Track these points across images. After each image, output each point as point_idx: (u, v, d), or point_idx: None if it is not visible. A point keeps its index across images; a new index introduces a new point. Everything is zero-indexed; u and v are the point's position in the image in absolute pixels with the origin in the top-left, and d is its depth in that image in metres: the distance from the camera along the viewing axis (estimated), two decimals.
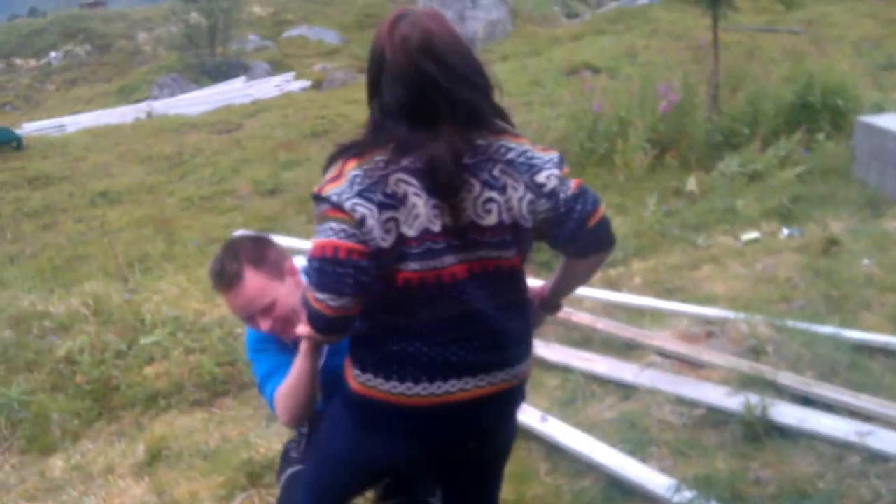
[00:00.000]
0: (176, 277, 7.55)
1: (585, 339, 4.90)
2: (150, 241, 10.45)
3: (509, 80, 17.16)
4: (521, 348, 2.16)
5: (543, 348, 4.65)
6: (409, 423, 2.06)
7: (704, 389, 4.20)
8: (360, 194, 1.85)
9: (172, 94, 28.19)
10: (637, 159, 8.57)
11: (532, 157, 2.00)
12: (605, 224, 2.05)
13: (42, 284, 8.61)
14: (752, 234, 6.76)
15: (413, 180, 1.87)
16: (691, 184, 8.09)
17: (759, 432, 3.72)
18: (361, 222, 1.84)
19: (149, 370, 5.33)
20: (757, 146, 8.67)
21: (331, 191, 1.88)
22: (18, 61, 39.00)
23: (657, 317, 5.16)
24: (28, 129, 24.19)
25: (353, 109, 17.68)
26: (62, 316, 6.19)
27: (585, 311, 5.16)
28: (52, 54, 39.19)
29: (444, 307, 1.96)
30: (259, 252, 2.47)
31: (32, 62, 38.95)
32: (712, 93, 9.86)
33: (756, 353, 4.54)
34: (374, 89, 1.98)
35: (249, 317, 2.46)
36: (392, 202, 1.86)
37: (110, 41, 39.76)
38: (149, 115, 23.68)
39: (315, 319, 1.97)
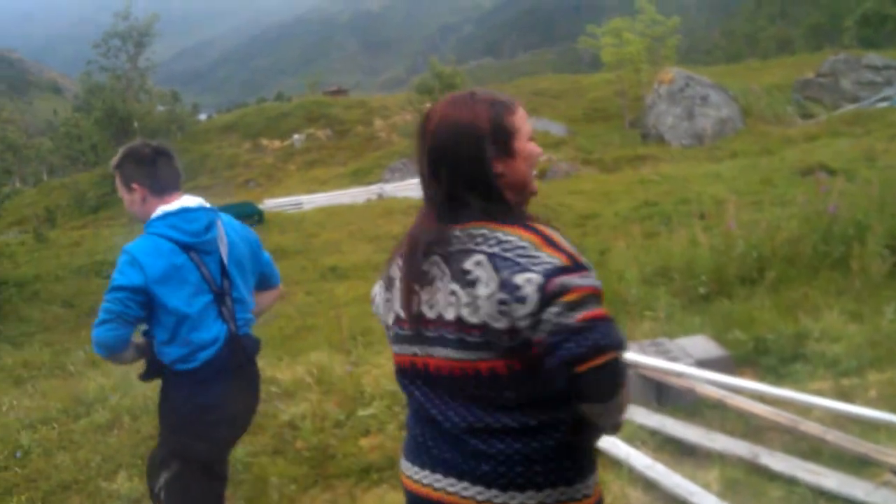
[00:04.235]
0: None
1: (814, 451, 4.58)
2: (373, 317, 10.85)
3: (739, 178, 16.75)
4: (504, 471, 1.80)
5: (767, 456, 4.40)
6: None
7: None
8: (383, 275, 1.94)
9: (402, 178, 29.61)
10: (875, 265, 8.04)
11: (525, 256, 1.68)
12: (603, 374, 1.67)
13: (272, 352, 9.10)
14: None
15: (401, 264, 1.84)
16: None
17: None
18: (372, 300, 1.98)
19: (364, 442, 5.46)
20: None
21: None
22: (264, 141, 42.54)
23: (893, 432, 4.76)
24: (269, 204, 26.17)
25: (575, 199, 17.82)
26: (288, 383, 6.50)
27: (814, 421, 4.84)
28: (296, 137, 42.43)
29: (412, 393, 1.89)
30: (123, 160, 3.13)
31: (277, 143, 42.34)
32: None
33: None
34: None
35: None
36: (388, 284, 1.90)
37: (349, 126, 42.60)
38: (380, 196, 24.99)
39: None
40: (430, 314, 1.75)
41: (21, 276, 17.85)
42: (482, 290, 1.68)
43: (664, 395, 5.20)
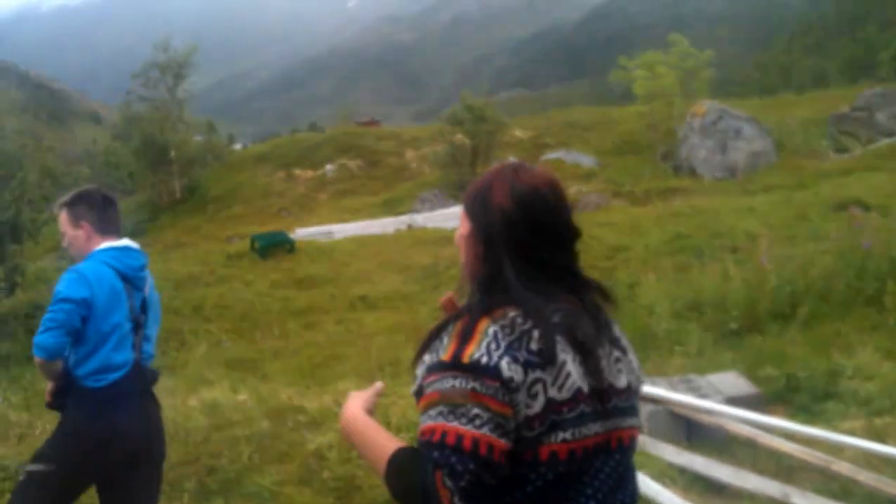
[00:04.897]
0: None
1: (845, 492, 4.50)
2: (402, 347, 10.86)
3: (772, 212, 16.62)
4: None
5: (799, 497, 4.33)
6: None
7: None
8: (507, 351, 1.56)
9: (433, 209, 29.74)
10: None
11: None
12: None
13: (300, 380, 9.13)
14: None
15: (558, 336, 1.59)
16: None
17: None
18: (512, 386, 1.54)
19: None
20: None
21: (474, 353, 1.56)
22: (297, 171, 42.93)
23: None
24: (300, 233, 26.34)
25: (605, 232, 17.75)
26: (315, 412, 6.50)
27: (847, 461, 4.76)
28: (328, 167, 42.78)
29: (585, 483, 1.62)
30: (75, 200, 3.56)
31: (309, 173, 42.70)
32: None
33: None
34: (495, 245, 1.70)
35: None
36: (539, 360, 1.56)
37: (380, 157, 42.89)
38: (409, 227, 25.08)
39: None
40: (612, 382, 1.67)
41: None
42: (632, 355, 1.77)
43: (694, 432, 5.15)
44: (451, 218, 26.29)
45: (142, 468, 3.63)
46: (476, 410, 1.52)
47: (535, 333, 1.58)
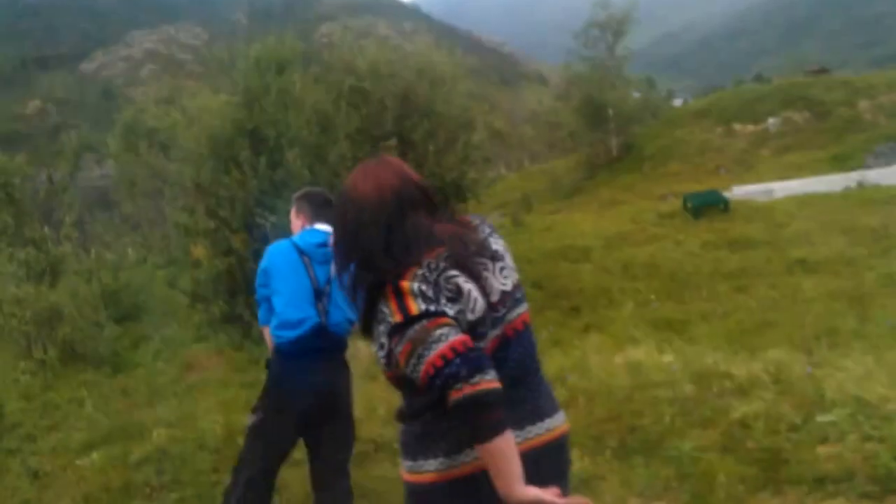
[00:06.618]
0: (863, 357, 7.17)
1: None
2: (841, 316, 10.07)
3: None
4: (553, 401, 2.28)
5: None
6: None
7: None
8: (435, 297, 2.00)
9: (888, 164, 26.94)
10: None
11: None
12: None
13: (728, 345, 8.88)
14: None
15: (455, 272, 2.05)
16: None
17: None
18: (452, 315, 1.99)
19: (821, 450, 5.08)
20: None
21: (419, 307, 1.97)
22: (737, 126, 41.41)
23: None
24: (736, 192, 25.41)
25: None
26: (742, 379, 6.29)
27: None
28: (770, 120, 40.65)
29: (510, 357, 2.14)
30: (300, 198, 4.10)
31: (750, 127, 40.92)
32: None
33: None
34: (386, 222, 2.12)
35: None
36: (455, 296, 2.04)
37: (829, 108, 39.68)
38: (860, 184, 23.02)
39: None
40: (502, 290, 2.16)
41: None
42: (508, 258, 2.24)
43: None
44: None
45: (328, 422, 3.99)
46: (438, 332, 1.93)
47: (441, 280, 2.04)
